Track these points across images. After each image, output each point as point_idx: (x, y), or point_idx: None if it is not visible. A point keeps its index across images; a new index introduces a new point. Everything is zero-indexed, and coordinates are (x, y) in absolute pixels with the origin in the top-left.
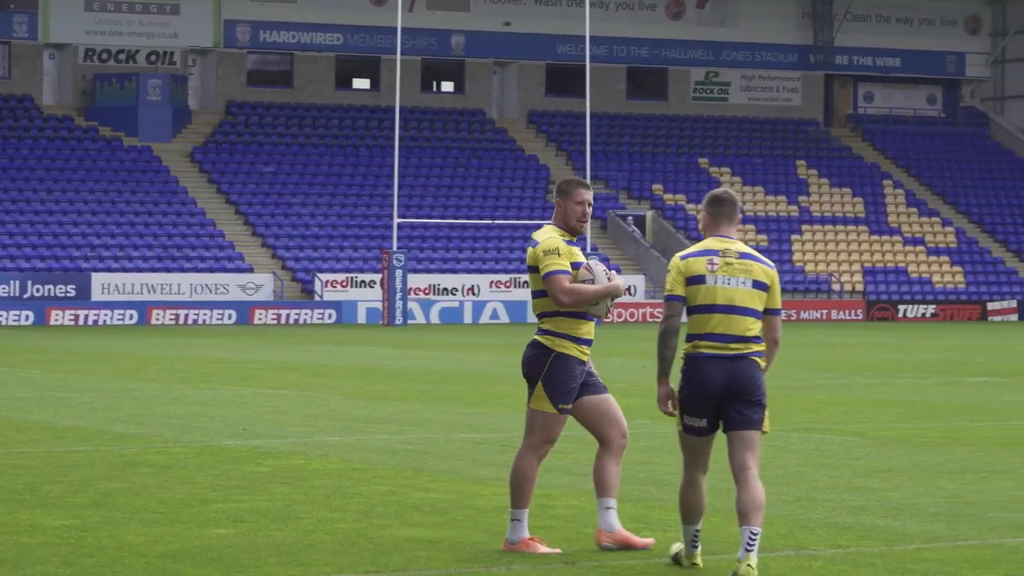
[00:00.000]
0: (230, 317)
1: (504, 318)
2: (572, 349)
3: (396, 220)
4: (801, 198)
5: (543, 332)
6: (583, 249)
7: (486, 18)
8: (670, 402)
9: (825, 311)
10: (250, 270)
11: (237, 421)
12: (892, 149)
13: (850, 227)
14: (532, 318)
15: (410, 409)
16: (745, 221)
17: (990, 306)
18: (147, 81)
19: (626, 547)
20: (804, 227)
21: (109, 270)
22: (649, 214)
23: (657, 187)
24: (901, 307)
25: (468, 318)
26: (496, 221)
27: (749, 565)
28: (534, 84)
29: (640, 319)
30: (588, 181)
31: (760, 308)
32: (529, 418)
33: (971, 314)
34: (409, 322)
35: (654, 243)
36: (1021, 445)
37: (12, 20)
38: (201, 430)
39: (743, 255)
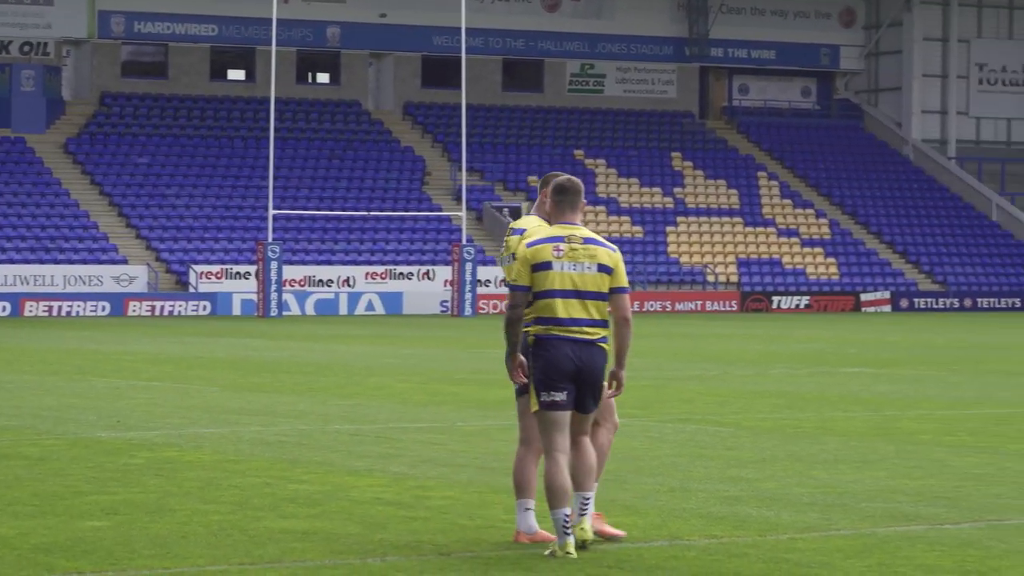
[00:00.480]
0: (104, 309)
1: (379, 309)
2: None
3: (271, 212)
4: (676, 190)
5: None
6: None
7: (361, 9)
8: (520, 371)
9: (700, 302)
10: (124, 262)
11: (111, 413)
12: (767, 141)
13: (725, 219)
14: (411, 309)
15: (285, 401)
16: (620, 213)
17: (863, 297)
18: (20, 72)
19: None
20: (679, 219)
21: None
22: (525, 206)
23: (533, 179)
24: (775, 298)
25: (343, 309)
26: (372, 213)
27: (582, 528)
28: (410, 75)
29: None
30: (463, 173)
31: (606, 290)
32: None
33: (844, 305)
34: (284, 314)
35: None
36: (894, 435)
37: None
38: (74, 422)
39: (587, 240)
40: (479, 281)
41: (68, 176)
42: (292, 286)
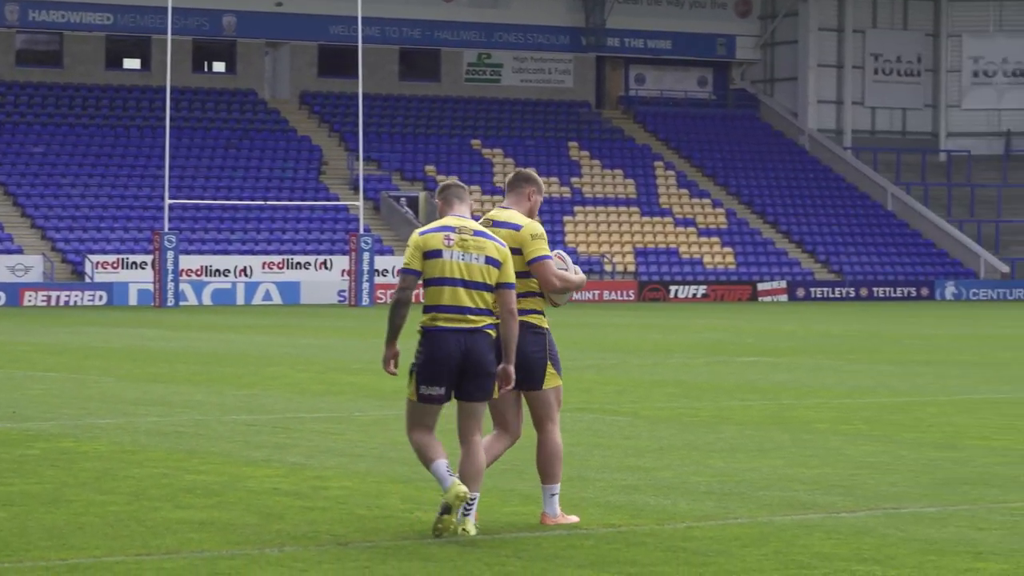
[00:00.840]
0: None
1: (277, 299)
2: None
3: (167, 201)
4: (573, 179)
5: (532, 312)
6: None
7: None
8: (392, 363)
9: (597, 292)
10: (19, 251)
11: (6, 404)
12: (663, 131)
13: (622, 208)
14: (309, 299)
15: (182, 391)
16: None
17: (760, 286)
18: None
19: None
20: (576, 208)
21: None
22: (422, 195)
23: (430, 168)
24: (672, 288)
25: (241, 299)
26: (269, 202)
27: (464, 529)
28: (306, 65)
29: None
30: (360, 162)
31: (493, 283)
32: (544, 399)
33: (741, 294)
34: (181, 304)
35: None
36: (790, 424)
37: None
38: None
39: (477, 232)
40: (376, 271)
41: None
42: (189, 276)
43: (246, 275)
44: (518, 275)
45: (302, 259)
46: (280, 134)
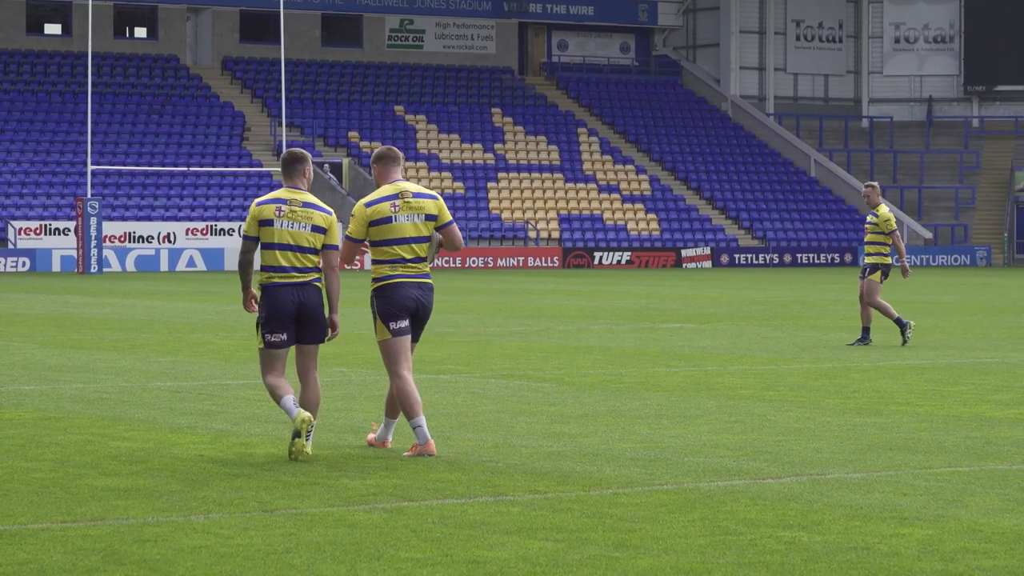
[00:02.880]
0: None
1: (201, 265)
2: None
3: (90, 167)
4: (497, 146)
5: (430, 277)
6: None
7: None
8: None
9: (521, 258)
10: None
11: None
12: (586, 97)
13: (546, 175)
14: (233, 265)
15: (106, 358)
16: (441, 168)
17: (684, 253)
18: None
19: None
20: (500, 175)
21: None
22: (345, 161)
23: (353, 135)
24: (597, 254)
25: (164, 266)
26: (192, 168)
27: (305, 451)
28: (228, 30)
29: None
30: (283, 128)
31: (318, 246)
32: (411, 348)
33: (666, 261)
34: (104, 270)
35: (351, 190)
36: (715, 390)
37: None
38: None
39: (306, 204)
40: None
41: None
42: (112, 242)
43: (169, 241)
44: (426, 239)
45: (226, 225)
46: (202, 100)
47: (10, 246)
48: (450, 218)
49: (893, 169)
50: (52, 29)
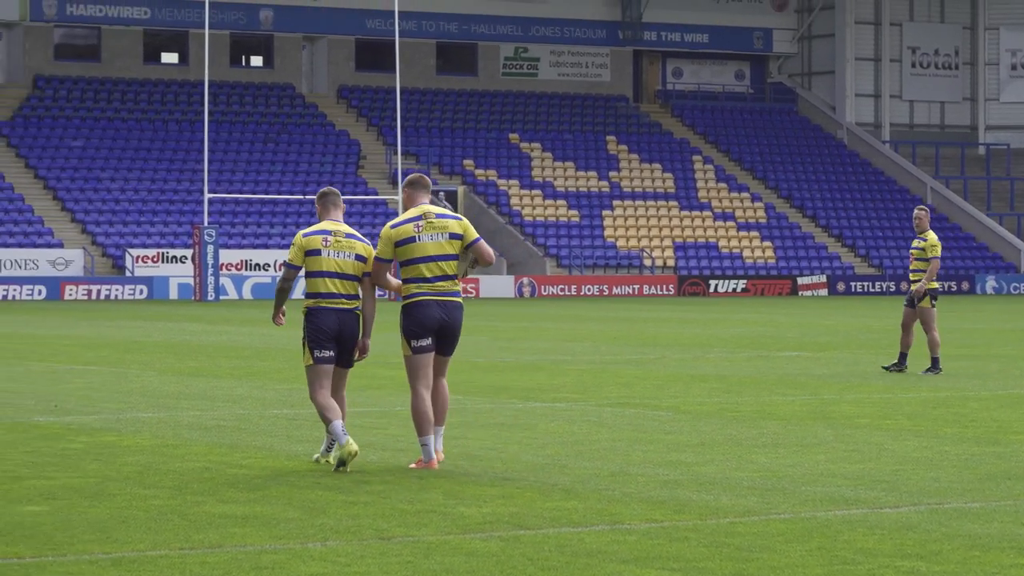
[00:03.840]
0: (40, 293)
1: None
2: None
3: (207, 195)
4: (612, 174)
5: (460, 295)
6: None
7: None
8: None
9: (637, 286)
10: (60, 245)
11: (48, 398)
12: (701, 125)
13: (661, 202)
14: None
15: (223, 385)
16: (556, 196)
17: (800, 281)
18: None
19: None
20: (615, 203)
21: None
22: (461, 189)
23: (468, 162)
24: (712, 282)
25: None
26: (307, 196)
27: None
28: (343, 59)
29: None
30: (399, 156)
31: (360, 274)
32: (447, 364)
33: (781, 289)
34: (221, 298)
35: (466, 218)
36: (832, 419)
37: None
38: (12, 407)
39: (348, 235)
40: None
41: (2, 159)
42: (229, 270)
43: None
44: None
45: None
46: (318, 128)
47: (128, 274)
48: (476, 236)
49: (1010, 196)
50: (169, 58)
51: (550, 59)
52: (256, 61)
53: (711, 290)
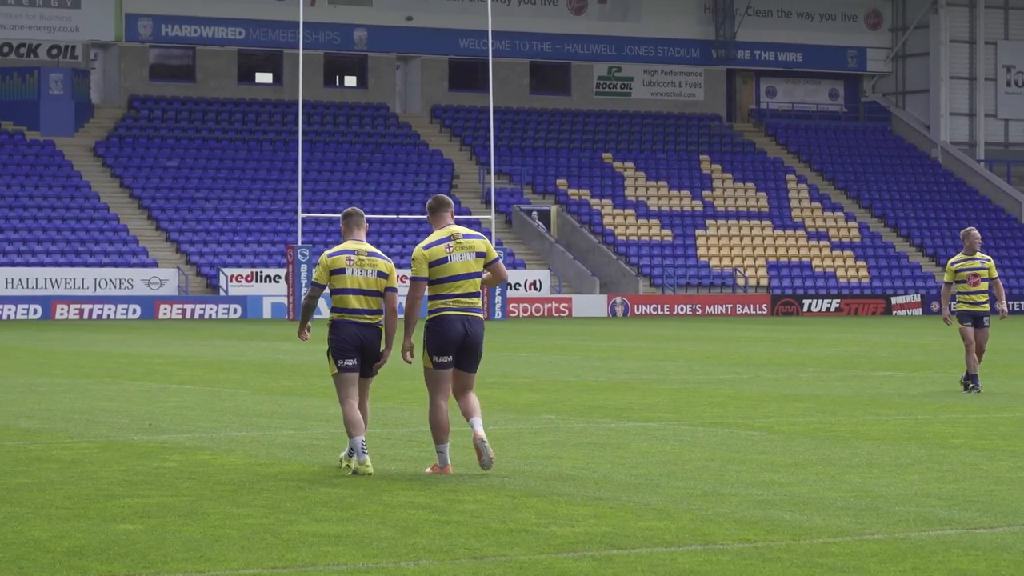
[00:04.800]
0: (135, 311)
1: None
2: None
3: (300, 214)
4: (705, 193)
5: (481, 310)
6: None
7: (388, 12)
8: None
9: (730, 306)
10: (154, 265)
11: (142, 416)
12: (795, 144)
13: (754, 222)
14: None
15: (316, 404)
16: (649, 216)
17: (894, 300)
18: (49, 75)
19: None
20: (708, 222)
21: (12, 264)
22: (554, 209)
23: (561, 182)
24: (806, 301)
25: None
26: (400, 216)
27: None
28: (437, 78)
29: (545, 313)
30: (492, 176)
31: (382, 290)
32: (473, 380)
33: (875, 308)
34: (315, 317)
35: (559, 238)
36: (926, 439)
37: None
38: (106, 425)
39: (370, 253)
40: (509, 284)
41: (97, 179)
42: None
43: None
44: (478, 274)
45: None
46: (411, 148)
47: (221, 293)
48: (497, 256)
49: None
50: (263, 78)
51: (643, 78)
52: (350, 81)
53: (804, 309)
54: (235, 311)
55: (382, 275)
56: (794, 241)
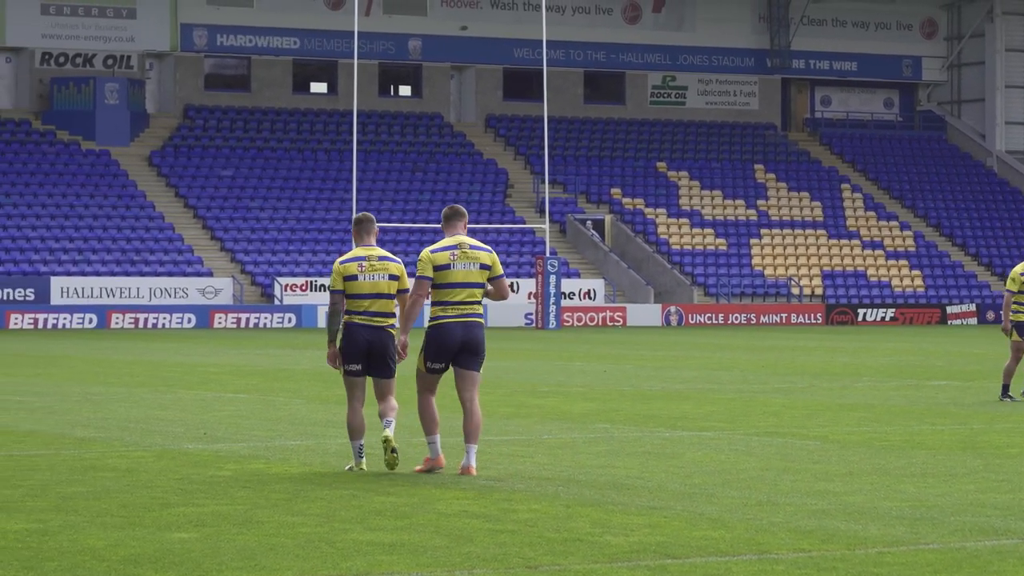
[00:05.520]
0: (190, 321)
1: None
2: None
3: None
4: (760, 202)
5: (481, 316)
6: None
7: (443, 22)
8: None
9: (785, 315)
10: (209, 274)
11: (197, 425)
12: (850, 153)
13: (809, 231)
14: (495, 322)
15: (370, 413)
16: (704, 225)
17: (949, 309)
18: (104, 85)
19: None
20: (763, 231)
21: (68, 274)
22: (608, 218)
23: (616, 191)
24: (861, 311)
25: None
26: None
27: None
28: (491, 88)
29: (599, 323)
30: (546, 185)
31: (394, 292)
32: (476, 379)
33: (931, 317)
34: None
35: (613, 247)
36: (981, 448)
37: None
38: (161, 434)
39: (381, 258)
40: (563, 294)
41: (152, 189)
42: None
43: None
44: (481, 284)
45: None
46: (466, 157)
47: (276, 302)
48: (501, 272)
49: None
50: (318, 88)
51: (698, 87)
52: (404, 90)
53: (859, 319)
54: (290, 320)
55: (393, 277)
56: (849, 250)
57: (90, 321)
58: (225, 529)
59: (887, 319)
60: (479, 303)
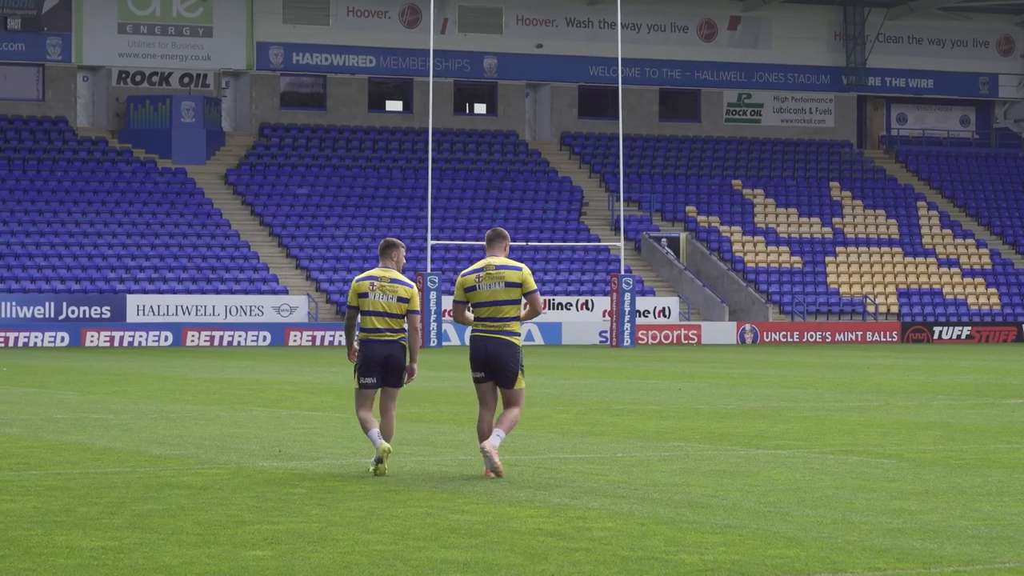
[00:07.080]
0: (265, 338)
1: (538, 339)
2: None
3: (430, 242)
4: (835, 220)
5: (514, 333)
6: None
7: (518, 40)
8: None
9: (860, 333)
10: (284, 292)
11: (272, 442)
12: (926, 170)
13: (884, 249)
14: (570, 339)
15: (445, 431)
16: (779, 243)
17: None
18: (181, 103)
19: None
20: (838, 249)
21: (144, 292)
22: (683, 236)
23: (691, 209)
24: (936, 329)
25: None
26: (530, 243)
27: (384, 471)
28: (566, 106)
29: (674, 340)
30: (621, 203)
31: (403, 312)
32: (516, 397)
33: (1007, 336)
34: (444, 344)
35: (688, 264)
36: None
37: (46, 43)
38: (237, 451)
39: (393, 280)
40: (638, 312)
41: (228, 207)
42: (450, 316)
43: None
44: (513, 301)
45: (563, 299)
46: (541, 175)
47: None
48: (533, 287)
49: None
50: (394, 106)
51: (774, 105)
52: (480, 108)
53: (935, 337)
54: None
55: (402, 299)
56: (924, 268)
57: (166, 339)
58: (300, 547)
59: (963, 337)
60: (505, 320)
